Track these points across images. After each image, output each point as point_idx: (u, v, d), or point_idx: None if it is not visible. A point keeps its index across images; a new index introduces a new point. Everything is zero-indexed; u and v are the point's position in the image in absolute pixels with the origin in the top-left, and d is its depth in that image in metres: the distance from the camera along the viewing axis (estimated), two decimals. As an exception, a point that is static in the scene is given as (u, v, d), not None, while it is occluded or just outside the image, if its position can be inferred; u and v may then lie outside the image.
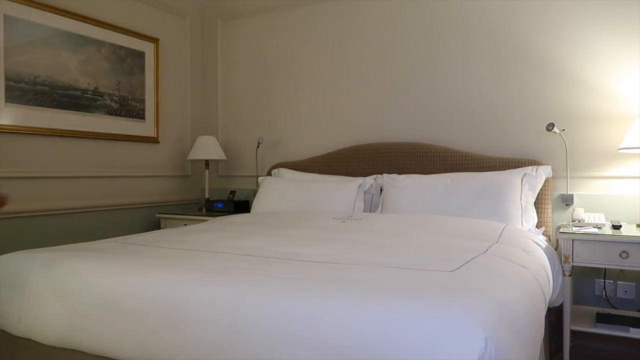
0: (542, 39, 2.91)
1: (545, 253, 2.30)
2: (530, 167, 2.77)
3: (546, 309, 1.90)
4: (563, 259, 2.40)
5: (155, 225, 3.66)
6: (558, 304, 2.41)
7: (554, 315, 2.50)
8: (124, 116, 3.51)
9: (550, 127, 2.74)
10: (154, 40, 3.72)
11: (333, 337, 1.23)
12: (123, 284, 1.58)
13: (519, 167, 2.83)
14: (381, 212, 2.95)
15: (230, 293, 1.43)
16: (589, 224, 2.50)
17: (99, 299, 1.57)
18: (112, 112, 3.42)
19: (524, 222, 2.61)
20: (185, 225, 3.16)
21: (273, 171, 3.60)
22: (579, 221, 2.58)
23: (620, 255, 2.29)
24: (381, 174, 3.16)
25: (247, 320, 1.34)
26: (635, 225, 2.55)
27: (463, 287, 1.43)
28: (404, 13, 3.32)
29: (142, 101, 3.65)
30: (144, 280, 1.58)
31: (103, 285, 1.60)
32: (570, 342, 2.44)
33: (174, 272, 1.61)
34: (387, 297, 1.31)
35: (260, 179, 3.53)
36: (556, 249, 2.63)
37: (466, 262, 1.71)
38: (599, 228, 2.45)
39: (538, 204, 2.81)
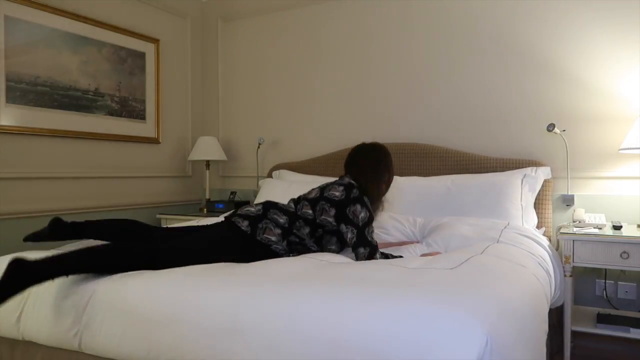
0: (542, 40, 2.91)
1: (546, 252, 2.30)
2: (530, 168, 2.77)
3: (548, 307, 1.90)
4: (564, 259, 2.40)
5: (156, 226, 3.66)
6: (559, 305, 2.41)
7: (555, 316, 2.50)
8: (124, 117, 3.51)
9: (550, 127, 2.74)
10: (154, 40, 3.72)
11: (333, 334, 1.23)
12: (122, 285, 1.58)
13: (519, 167, 2.83)
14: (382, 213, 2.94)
15: (230, 292, 1.44)
16: (589, 225, 2.50)
17: (99, 300, 1.57)
18: (112, 113, 3.42)
19: (524, 222, 2.61)
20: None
21: (274, 173, 3.60)
22: (579, 222, 2.58)
23: (621, 256, 2.29)
24: (382, 174, 3.15)
25: (247, 319, 1.34)
26: (636, 226, 2.54)
27: (462, 284, 1.45)
28: (405, 14, 3.32)
29: (143, 102, 3.66)
30: (144, 281, 1.58)
31: (102, 286, 1.60)
32: (571, 342, 2.44)
33: (174, 273, 1.61)
34: (387, 294, 1.32)
35: (261, 181, 3.53)
36: (557, 249, 2.62)
37: (465, 260, 1.72)
38: (600, 228, 2.45)
39: (539, 204, 2.81)
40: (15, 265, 1.50)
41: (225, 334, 1.34)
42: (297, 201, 2.06)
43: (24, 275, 1.49)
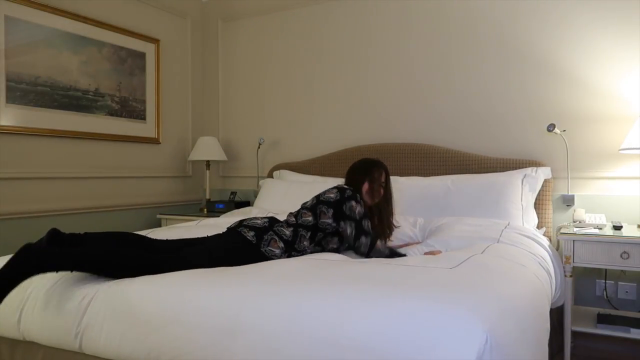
0: (542, 40, 2.91)
1: (547, 252, 2.30)
2: (530, 168, 2.77)
3: (549, 307, 1.90)
4: (564, 259, 2.40)
5: (156, 227, 3.66)
6: (559, 305, 2.41)
7: (555, 316, 2.50)
8: (124, 117, 3.51)
9: (551, 127, 2.74)
10: (154, 41, 3.72)
11: (334, 334, 1.24)
12: (123, 286, 1.58)
13: (519, 168, 2.83)
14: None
15: (230, 292, 1.44)
16: (589, 225, 2.50)
17: (100, 301, 1.57)
18: (113, 113, 3.42)
19: (524, 222, 2.61)
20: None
21: (274, 173, 3.60)
22: (579, 222, 2.58)
23: (621, 256, 2.29)
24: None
25: (247, 319, 1.34)
26: (636, 226, 2.54)
27: (462, 283, 1.45)
28: (405, 14, 3.32)
29: (143, 102, 3.66)
30: (144, 282, 1.58)
31: (103, 287, 1.60)
32: (571, 342, 2.44)
33: (174, 274, 1.61)
34: (387, 293, 1.33)
35: (261, 181, 3.53)
36: (557, 249, 2.62)
37: (465, 260, 1.72)
38: (600, 229, 2.45)
39: (539, 204, 2.81)
40: (25, 251, 1.57)
41: (226, 334, 1.34)
42: (296, 213, 2.14)
43: (31, 261, 1.54)
